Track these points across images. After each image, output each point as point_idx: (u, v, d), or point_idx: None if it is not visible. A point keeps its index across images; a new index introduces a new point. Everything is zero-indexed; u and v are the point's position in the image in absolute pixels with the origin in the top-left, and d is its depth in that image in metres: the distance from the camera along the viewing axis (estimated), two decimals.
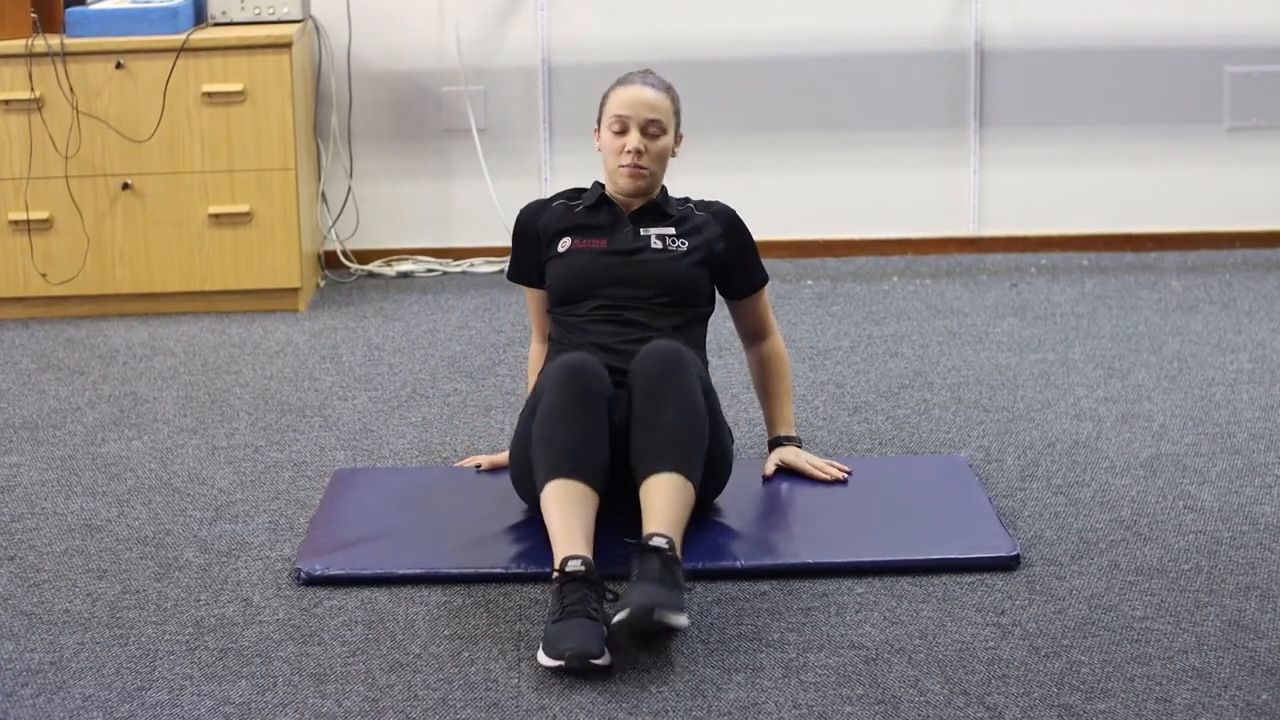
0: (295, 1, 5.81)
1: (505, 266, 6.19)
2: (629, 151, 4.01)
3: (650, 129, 4.03)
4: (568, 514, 3.50)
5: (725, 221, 4.14)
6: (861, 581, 3.66)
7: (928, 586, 3.64)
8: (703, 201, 4.20)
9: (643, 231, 4.08)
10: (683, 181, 6.31)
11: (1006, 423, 4.60)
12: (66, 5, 5.69)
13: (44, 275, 5.69)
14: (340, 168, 6.20)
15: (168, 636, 3.48)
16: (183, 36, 5.61)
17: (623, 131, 4.03)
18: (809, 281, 6.03)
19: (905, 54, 6.20)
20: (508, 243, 6.23)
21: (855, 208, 6.32)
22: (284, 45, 5.65)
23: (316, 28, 6.09)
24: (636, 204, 4.11)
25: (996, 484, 4.19)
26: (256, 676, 3.32)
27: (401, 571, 3.71)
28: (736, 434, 4.56)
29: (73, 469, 4.39)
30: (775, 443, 4.21)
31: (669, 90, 4.10)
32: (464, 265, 6.23)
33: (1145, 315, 5.55)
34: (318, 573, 3.71)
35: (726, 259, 4.13)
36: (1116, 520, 3.97)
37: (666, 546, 3.43)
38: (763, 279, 4.20)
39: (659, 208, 4.12)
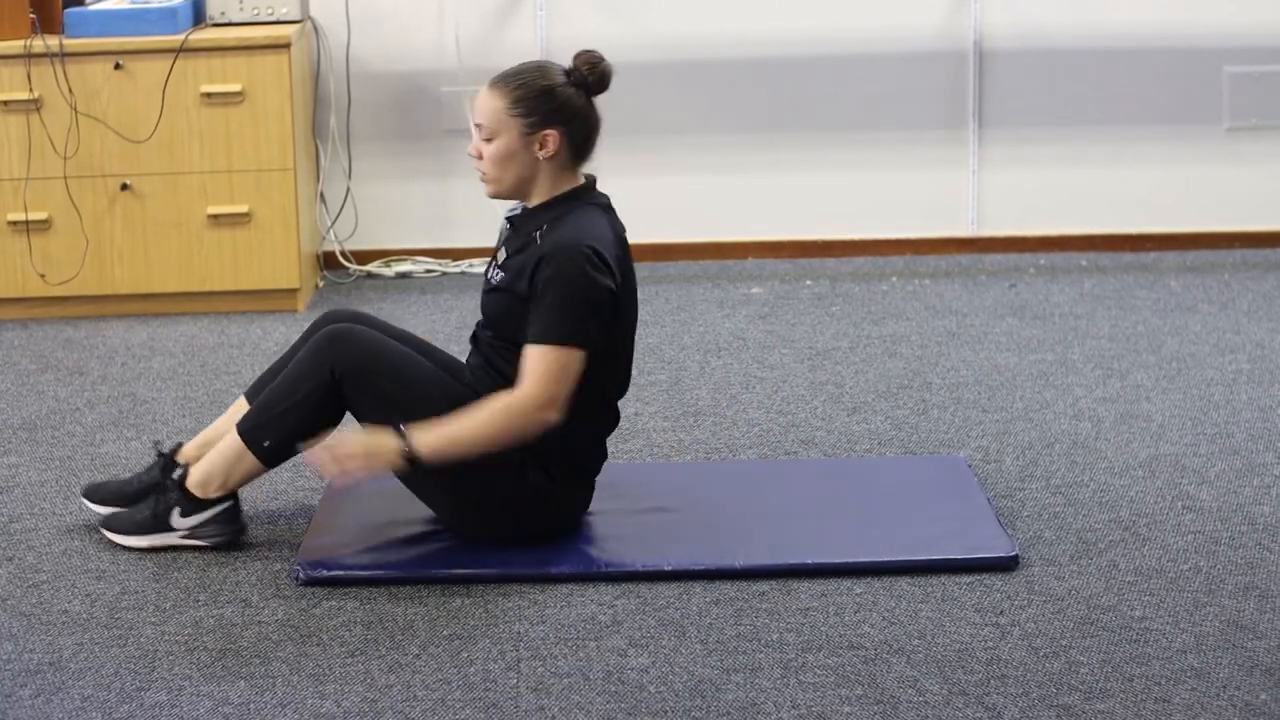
0: (294, 2, 5.81)
1: None
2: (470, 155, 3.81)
3: (480, 131, 3.75)
4: None
5: (540, 257, 3.69)
6: (860, 582, 3.66)
7: (927, 587, 3.64)
8: (556, 228, 3.75)
9: (500, 255, 3.85)
10: (683, 181, 6.34)
11: (1005, 423, 4.60)
12: (65, 6, 5.69)
13: (43, 276, 5.69)
14: (339, 168, 6.20)
15: (167, 637, 3.48)
16: (181, 37, 5.61)
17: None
18: (808, 281, 6.03)
19: (905, 54, 6.20)
20: None
21: (854, 208, 6.32)
22: (283, 46, 5.65)
23: (315, 28, 6.09)
24: (518, 216, 3.83)
25: (995, 484, 4.19)
26: (255, 677, 3.32)
27: (400, 572, 3.71)
28: (736, 434, 4.57)
29: (72, 469, 4.39)
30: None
31: (506, 85, 3.73)
32: (463, 266, 6.23)
33: (1144, 315, 5.55)
34: (317, 574, 3.70)
35: (528, 297, 3.71)
36: (1115, 520, 3.97)
37: (176, 475, 3.85)
38: (539, 334, 3.66)
39: (524, 222, 3.81)
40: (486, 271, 3.91)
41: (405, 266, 6.22)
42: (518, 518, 3.79)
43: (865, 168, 6.28)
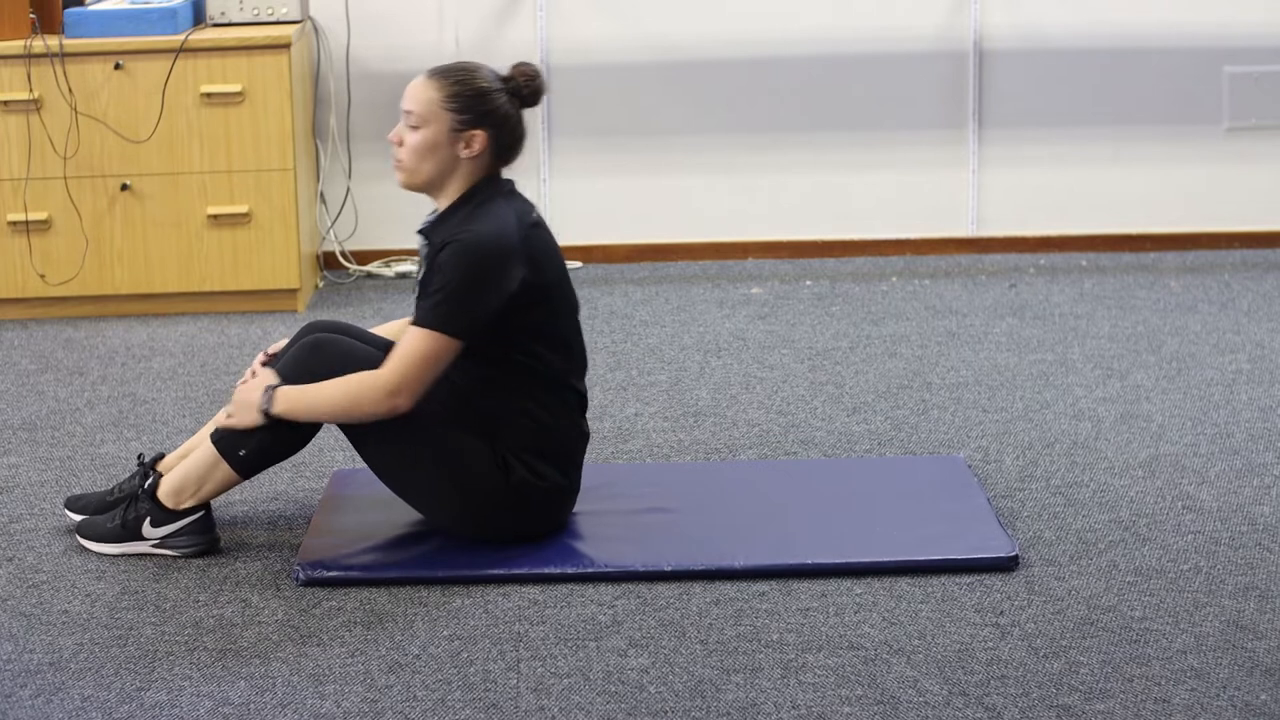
0: (294, 2, 5.81)
1: None
2: (389, 140, 3.81)
3: (408, 120, 3.76)
4: None
5: (441, 246, 3.71)
6: (860, 582, 3.66)
7: (926, 587, 3.64)
8: (464, 223, 3.74)
9: (421, 271, 3.82)
10: (683, 181, 6.34)
11: (1005, 423, 4.60)
12: (65, 6, 5.69)
13: (43, 276, 5.69)
14: (339, 168, 6.20)
15: (167, 637, 3.48)
16: (181, 37, 5.61)
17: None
18: (808, 282, 6.03)
19: (905, 54, 6.20)
20: None
21: (854, 208, 6.32)
22: (283, 46, 5.65)
23: (315, 28, 6.09)
24: (430, 228, 3.81)
25: (995, 484, 4.19)
26: (255, 677, 3.32)
27: (400, 572, 3.72)
28: (736, 434, 4.57)
29: (72, 470, 4.39)
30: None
31: (446, 79, 3.76)
32: None
33: (1144, 315, 5.55)
34: (316, 574, 3.70)
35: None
36: (1115, 521, 3.97)
37: (148, 485, 3.85)
38: (419, 318, 3.68)
39: (435, 231, 3.78)
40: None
41: (405, 266, 6.22)
42: (511, 514, 3.79)
43: (865, 168, 6.28)
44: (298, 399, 3.71)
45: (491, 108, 3.77)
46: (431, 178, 3.78)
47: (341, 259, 6.22)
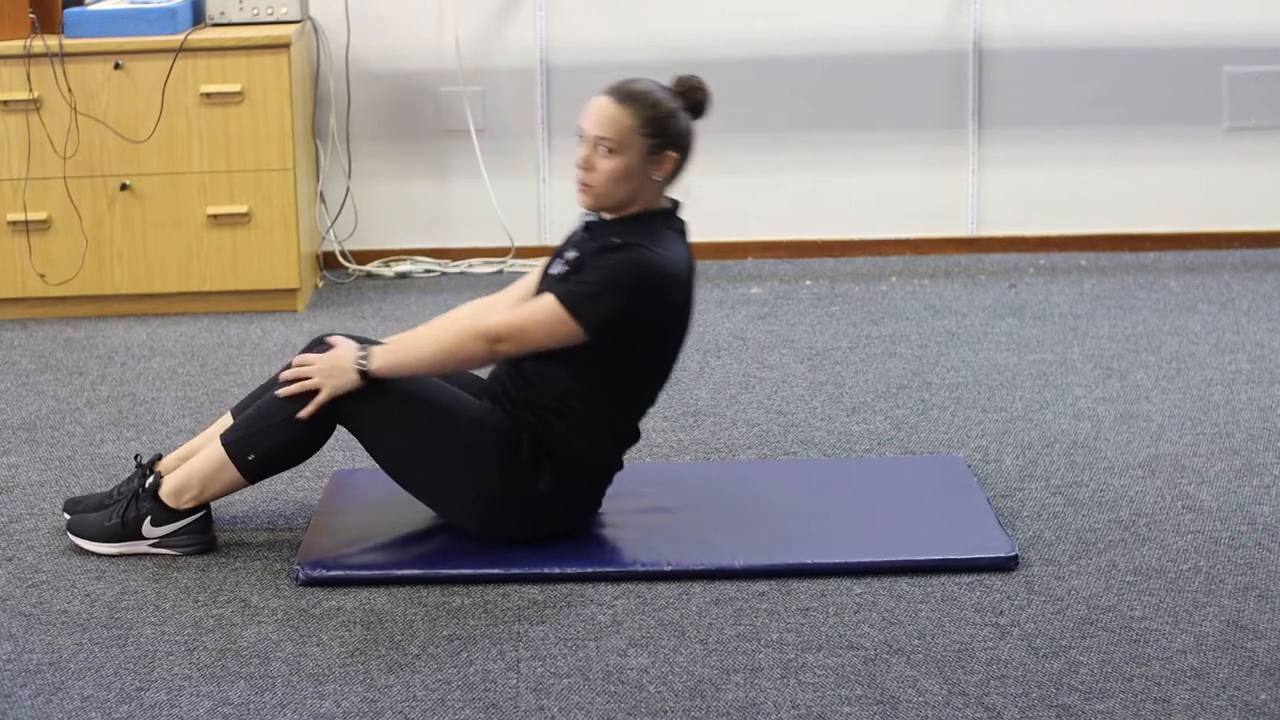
0: (294, 2, 5.81)
1: (503, 266, 6.26)
2: (577, 165, 3.79)
3: (600, 145, 3.74)
4: None
5: (609, 245, 3.73)
6: (860, 582, 3.66)
7: (926, 587, 3.64)
8: (637, 235, 3.77)
9: (567, 253, 3.83)
10: (682, 181, 6.31)
11: (1005, 423, 4.60)
12: (65, 6, 5.69)
13: (42, 276, 5.69)
14: (339, 168, 6.20)
15: (166, 637, 3.48)
16: (181, 37, 5.61)
17: (582, 141, 3.80)
18: (808, 281, 6.03)
19: (904, 54, 6.20)
20: (506, 243, 6.27)
21: (854, 208, 6.32)
22: (282, 46, 5.65)
23: (315, 28, 6.09)
24: (597, 224, 3.83)
25: (995, 484, 4.19)
26: (255, 677, 3.32)
27: (400, 572, 3.71)
28: (735, 434, 4.56)
29: (71, 469, 4.39)
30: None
31: (637, 104, 3.75)
32: (462, 266, 6.23)
33: (1144, 315, 5.55)
34: (316, 573, 3.70)
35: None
36: (1115, 520, 3.97)
37: (149, 484, 3.84)
38: (559, 291, 3.68)
39: (601, 231, 3.80)
40: (547, 267, 3.90)
41: (405, 266, 6.22)
42: (523, 519, 3.78)
43: (865, 168, 6.28)
44: (397, 351, 3.71)
45: (681, 129, 3.82)
46: (622, 200, 3.80)
47: (341, 259, 6.22)
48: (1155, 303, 5.68)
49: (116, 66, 5.60)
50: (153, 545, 3.84)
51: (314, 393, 3.71)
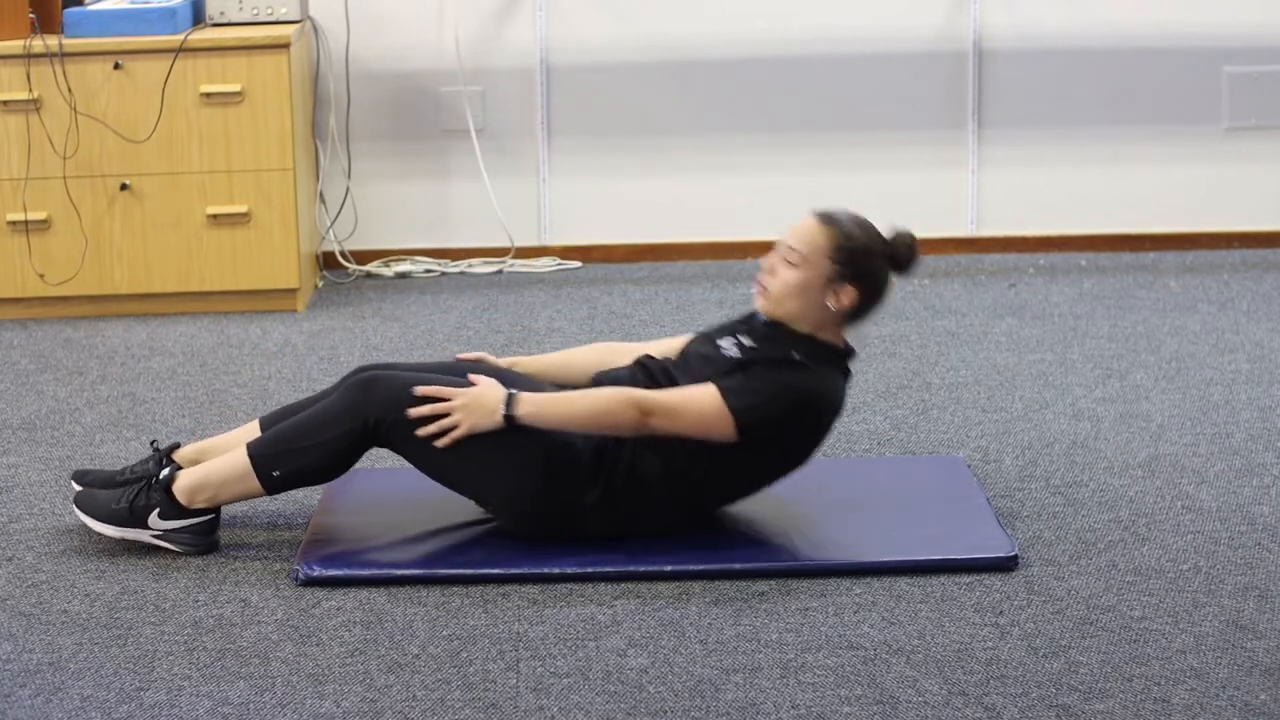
0: (293, 2, 5.81)
1: (503, 266, 6.26)
2: (761, 267, 3.82)
3: (789, 255, 3.77)
4: None
5: (787, 359, 3.75)
6: (860, 582, 3.66)
7: (926, 587, 3.64)
8: (810, 361, 3.78)
9: (734, 334, 3.83)
10: (683, 181, 6.34)
11: (1005, 423, 4.60)
12: (65, 6, 5.69)
13: (42, 276, 5.69)
14: (338, 168, 6.20)
15: (166, 637, 3.48)
16: (181, 37, 5.61)
17: (776, 248, 3.83)
18: None
19: (904, 54, 6.20)
20: (505, 243, 6.27)
21: (853, 207, 6.29)
22: (282, 46, 5.65)
23: (315, 28, 6.09)
24: (770, 324, 3.83)
25: (995, 484, 4.19)
26: (255, 677, 3.32)
27: (400, 572, 3.71)
28: None
29: (71, 469, 4.38)
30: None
31: (835, 229, 3.79)
32: (462, 266, 6.24)
33: (1143, 315, 5.55)
34: (316, 573, 3.70)
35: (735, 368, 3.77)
36: (1115, 520, 3.97)
37: (164, 476, 3.82)
38: (725, 384, 3.67)
39: (781, 340, 3.79)
40: (709, 335, 3.91)
41: (404, 266, 6.22)
42: (562, 513, 3.77)
43: (864, 167, 6.28)
44: (544, 403, 3.69)
45: (871, 269, 3.80)
46: (792, 314, 3.80)
47: (341, 259, 6.22)
48: (1155, 303, 5.68)
49: (116, 66, 5.59)
50: (155, 537, 3.84)
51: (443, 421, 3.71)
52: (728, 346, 3.83)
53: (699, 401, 3.69)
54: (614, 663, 3.34)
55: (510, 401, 3.69)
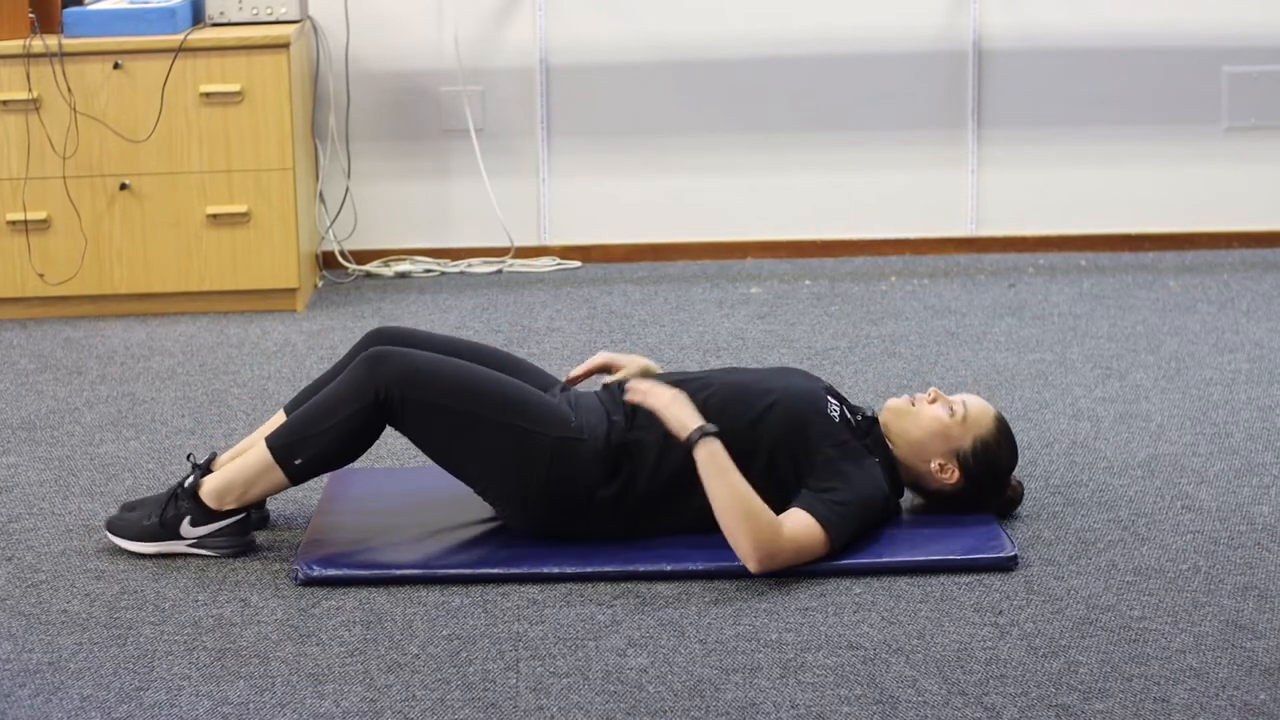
0: (293, 2, 5.81)
1: (502, 266, 6.26)
2: (928, 391, 3.94)
3: (955, 405, 3.89)
4: None
5: (863, 453, 3.84)
6: (859, 581, 3.66)
7: (926, 587, 3.64)
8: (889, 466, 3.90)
9: (823, 391, 3.89)
10: (683, 181, 6.34)
11: None
12: (64, 5, 5.69)
13: (42, 275, 5.69)
14: (338, 168, 6.20)
15: (166, 637, 3.48)
16: (180, 37, 5.61)
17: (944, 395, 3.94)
18: (807, 281, 6.03)
19: (903, 54, 6.20)
20: (505, 243, 6.28)
21: (853, 208, 6.32)
22: (282, 45, 5.65)
23: (314, 28, 6.09)
24: (865, 418, 3.93)
25: None
26: (254, 677, 3.32)
27: (399, 572, 3.71)
28: None
29: (70, 469, 4.39)
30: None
31: (998, 429, 3.88)
32: (462, 265, 6.24)
33: (1143, 315, 5.55)
34: (315, 573, 3.70)
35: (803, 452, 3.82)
36: (1114, 520, 3.97)
37: (188, 484, 3.82)
38: (823, 513, 3.70)
39: (866, 427, 3.89)
40: (844, 408, 3.91)
41: (404, 266, 6.22)
42: (560, 513, 3.78)
43: (865, 168, 6.28)
44: (720, 469, 3.66)
45: (982, 478, 3.88)
46: (905, 436, 3.88)
47: (340, 259, 6.22)
48: (1154, 303, 5.69)
49: (116, 66, 5.60)
50: (190, 545, 3.82)
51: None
52: (832, 405, 3.85)
53: (806, 537, 3.67)
54: (613, 663, 3.34)
55: (701, 437, 3.67)
